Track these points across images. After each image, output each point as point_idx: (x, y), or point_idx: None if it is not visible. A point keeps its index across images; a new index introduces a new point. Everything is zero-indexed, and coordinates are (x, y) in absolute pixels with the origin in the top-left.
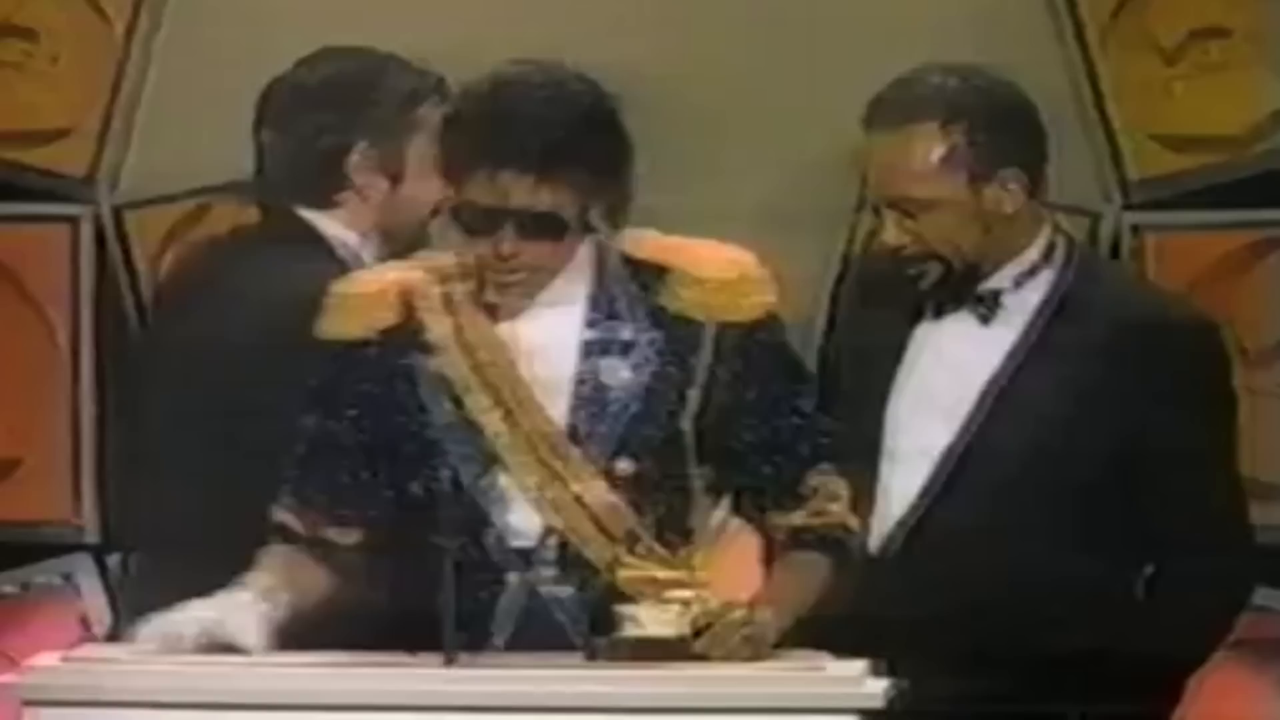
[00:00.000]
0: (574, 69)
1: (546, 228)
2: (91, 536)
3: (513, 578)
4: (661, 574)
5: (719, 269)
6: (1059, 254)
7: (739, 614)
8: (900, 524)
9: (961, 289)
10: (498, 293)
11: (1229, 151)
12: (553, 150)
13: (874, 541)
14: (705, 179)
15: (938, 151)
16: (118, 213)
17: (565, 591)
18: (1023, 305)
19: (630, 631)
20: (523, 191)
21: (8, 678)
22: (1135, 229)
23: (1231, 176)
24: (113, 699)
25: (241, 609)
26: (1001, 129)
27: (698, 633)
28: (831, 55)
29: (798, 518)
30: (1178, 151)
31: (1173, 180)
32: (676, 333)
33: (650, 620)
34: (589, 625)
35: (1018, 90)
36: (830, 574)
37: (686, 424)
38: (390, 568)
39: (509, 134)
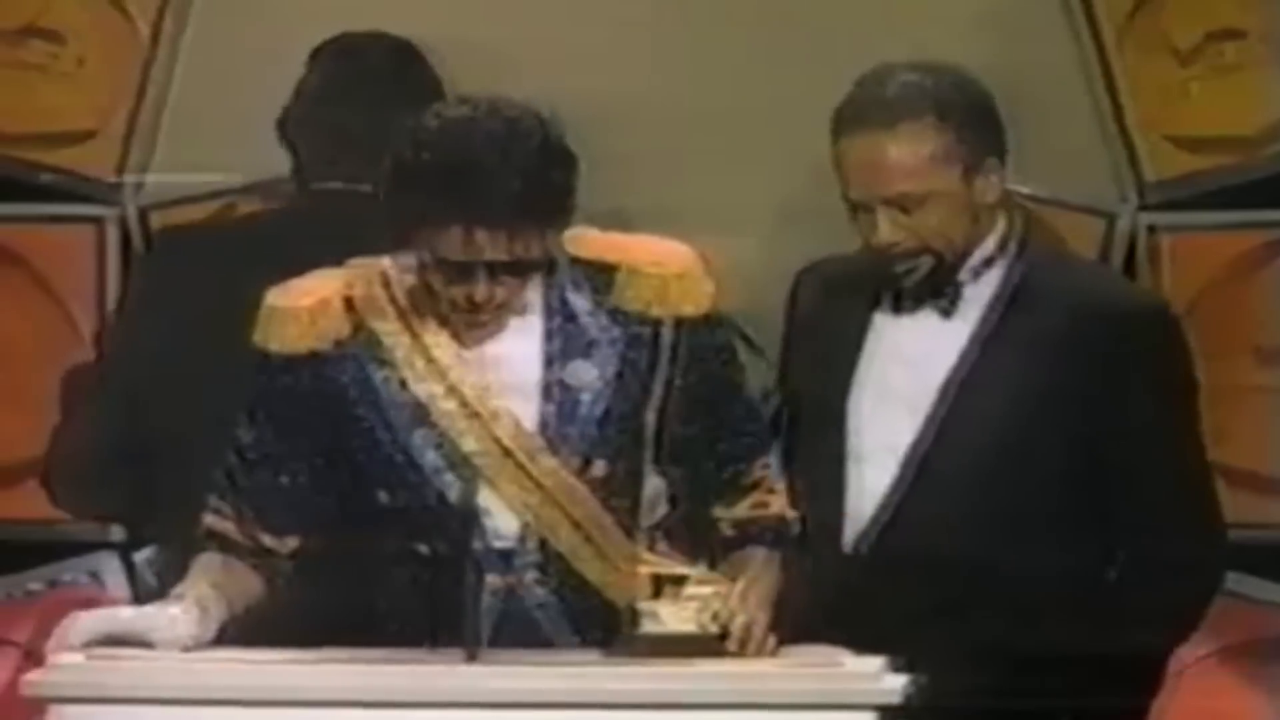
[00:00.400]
0: (516, 101)
1: (519, 270)
2: (117, 534)
3: (493, 579)
4: (680, 571)
5: (667, 264)
6: (1013, 244)
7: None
8: (873, 520)
9: (946, 281)
10: (468, 328)
11: (1244, 152)
12: (521, 201)
13: (847, 538)
14: (721, 176)
15: (932, 146)
16: (143, 213)
17: (545, 591)
18: (979, 297)
19: (649, 628)
20: (498, 246)
21: (34, 675)
22: (1151, 229)
23: (1246, 177)
24: (137, 696)
25: (164, 615)
26: (981, 122)
27: (724, 630)
28: (845, 54)
29: (740, 510)
30: (1193, 152)
31: (1188, 181)
32: (634, 329)
33: (670, 617)
34: (571, 627)
35: (982, 84)
36: (779, 568)
37: (650, 418)
38: (345, 573)
39: (477, 191)
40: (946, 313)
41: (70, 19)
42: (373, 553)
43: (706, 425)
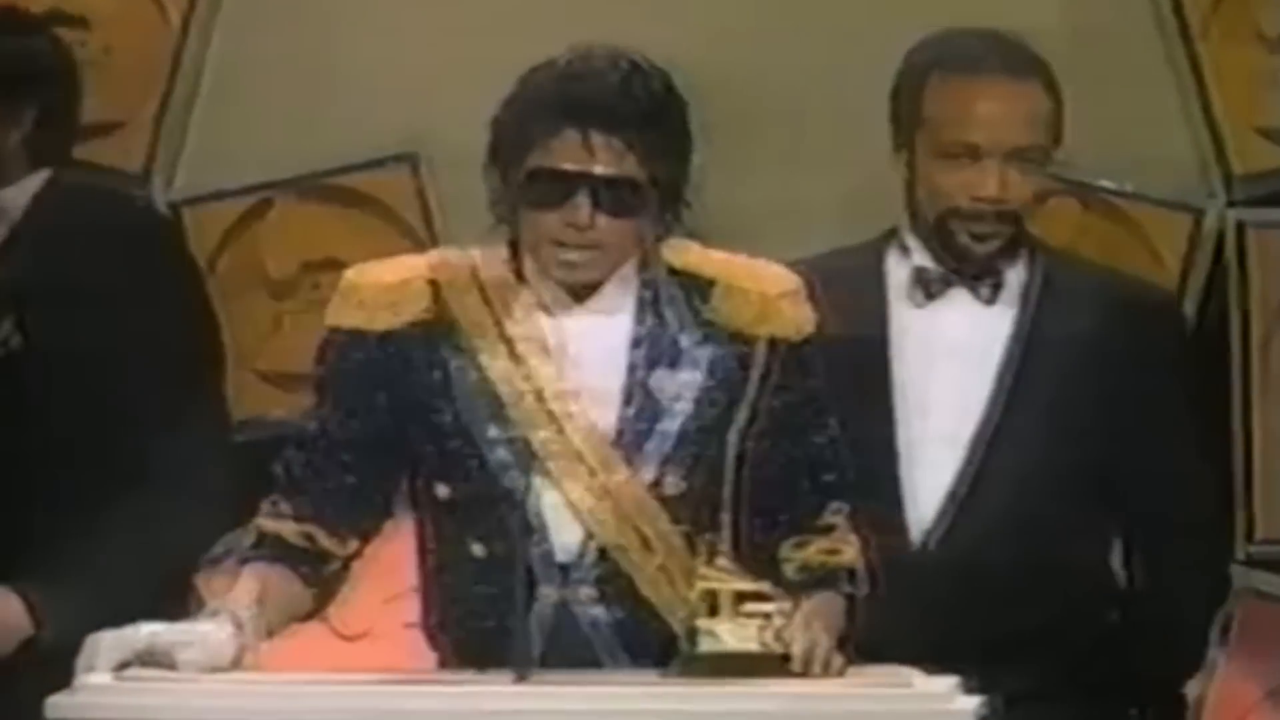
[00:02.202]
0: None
1: (625, 198)
2: None
3: (547, 591)
4: (741, 587)
5: (768, 283)
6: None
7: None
8: (940, 516)
9: (1007, 258)
10: (562, 270)
11: None
12: (641, 116)
13: (914, 535)
14: (789, 169)
15: (1049, 109)
16: (174, 209)
17: (600, 610)
18: (1012, 284)
19: (709, 647)
20: (611, 156)
21: (58, 698)
22: (1239, 226)
23: None
24: (165, 718)
25: (195, 632)
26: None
27: (788, 649)
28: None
29: (809, 553)
30: None
31: (1278, 175)
32: (728, 347)
33: (730, 635)
34: (625, 649)
35: None
36: (844, 612)
37: (732, 441)
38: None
39: (598, 96)
40: (990, 300)
41: (97, 4)
42: (423, 551)
43: (787, 457)
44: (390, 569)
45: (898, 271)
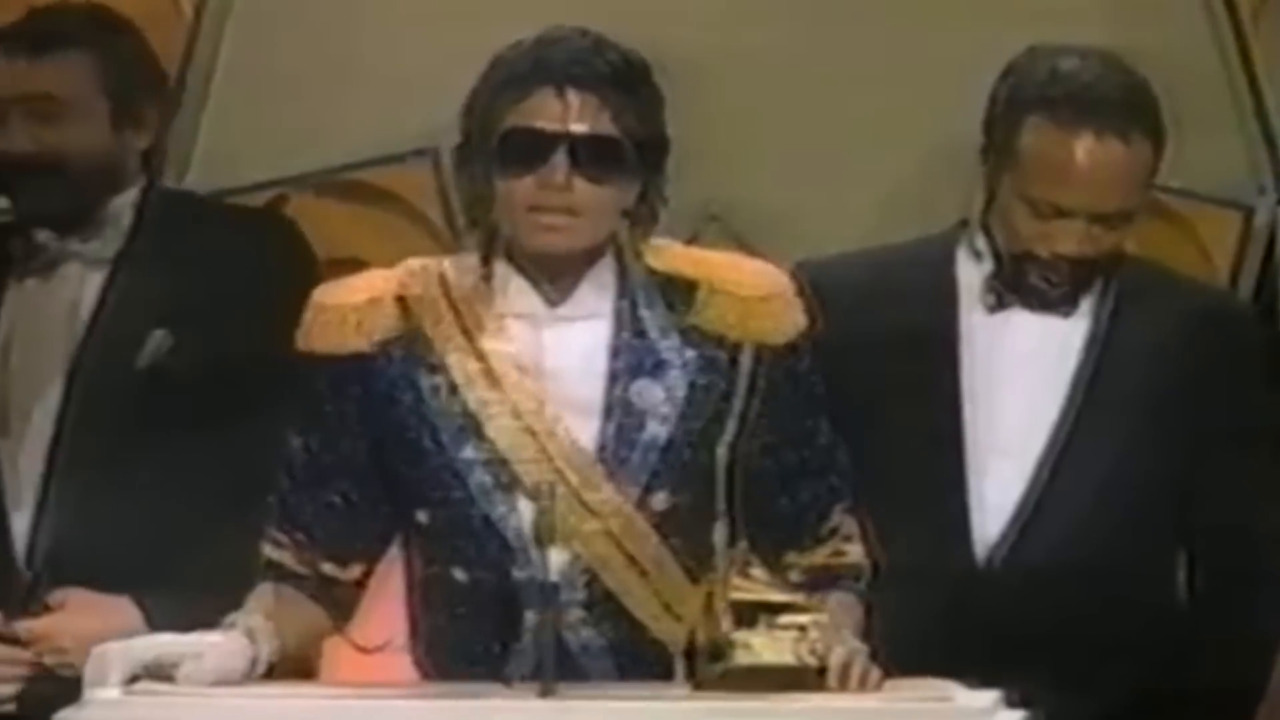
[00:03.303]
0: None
1: (602, 160)
2: None
3: (533, 614)
4: (775, 598)
5: (753, 285)
6: None
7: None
8: (1008, 530)
9: (1079, 288)
10: (540, 236)
11: None
12: (614, 75)
13: (979, 552)
14: (827, 174)
15: (1149, 160)
16: None
17: (590, 631)
18: (1088, 294)
19: (743, 659)
20: (588, 112)
21: (67, 713)
22: None
23: None
24: None
25: (204, 643)
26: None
27: (824, 662)
28: (964, 35)
29: (818, 557)
30: None
31: None
32: (712, 353)
33: (765, 648)
34: (618, 672)
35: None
36: (860, 613)
37: (722, 452)
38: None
39: (570, 55)
40: (1067, 313)
41: None
42: (410, 577)
43: (785, 465)
44: None
45: (968, 273)
